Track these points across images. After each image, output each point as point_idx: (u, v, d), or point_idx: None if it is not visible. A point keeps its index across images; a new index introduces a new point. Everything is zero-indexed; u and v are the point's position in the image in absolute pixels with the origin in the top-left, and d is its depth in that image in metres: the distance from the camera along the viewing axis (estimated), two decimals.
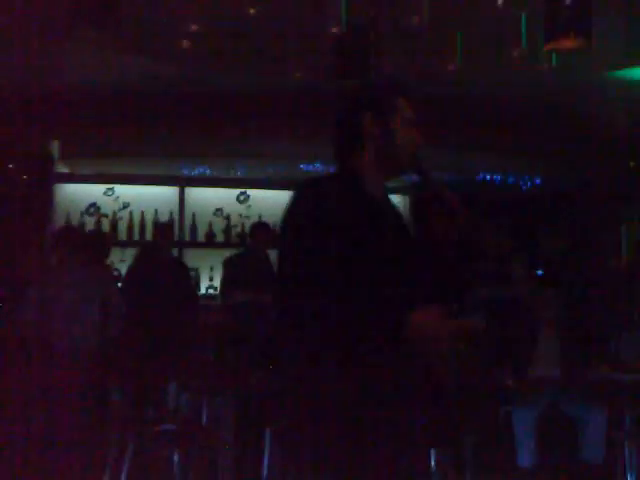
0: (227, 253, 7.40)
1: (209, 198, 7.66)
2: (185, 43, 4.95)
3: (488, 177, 8.12)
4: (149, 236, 6.94)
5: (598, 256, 7.47)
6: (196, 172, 7.61)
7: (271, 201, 7.78)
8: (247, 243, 6.52)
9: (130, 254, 6.95)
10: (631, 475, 4.00)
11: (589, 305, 5.01)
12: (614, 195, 8.39)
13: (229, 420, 3.83)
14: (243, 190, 7.78)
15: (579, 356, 4.30)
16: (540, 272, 5.22)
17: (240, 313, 5.49)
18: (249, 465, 3.93)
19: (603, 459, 4.01)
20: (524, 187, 8.44)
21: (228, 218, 7.64)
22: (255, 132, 6.90)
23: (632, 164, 8.11)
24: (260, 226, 6.24)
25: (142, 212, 7.34)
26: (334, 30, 5.02)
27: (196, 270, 7.28)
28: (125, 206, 7.43)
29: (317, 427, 1.76)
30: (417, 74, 5.34)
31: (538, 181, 8.48)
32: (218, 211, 7.66)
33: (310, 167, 7.78)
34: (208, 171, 7.69)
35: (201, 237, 7.52)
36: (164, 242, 5.79)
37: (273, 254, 6.23)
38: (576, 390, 4.20)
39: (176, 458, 3.55)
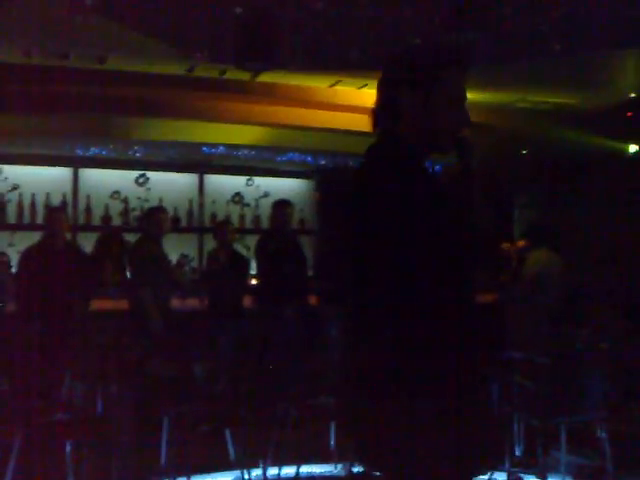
0: (125, 238, 7.18)
1: (105, 180, 7.39)
2: (78, 19, 4.72)
3: None
4: (40, 220, 6.62)
5: None
6: (91, 152, 7.29)
7: (172, 184, 7.60)
8: (145, 228, 6.32)
9: (19, 238, 6.62)
10: (519, 447, 4.23)
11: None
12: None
13: (125, 409, 3.72)
14: (142, 172, 7.55)
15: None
16: None
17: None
18: (147, 454, 3.83)
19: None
20: None
21: (126, 201, 7.40)
22: (154, 112, 6.69)
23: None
24: (158, 210, 6.06)
25: (32, 194, 7.00)
26: (237, 11, 4.92)
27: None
28: (14, 188, 7.07)
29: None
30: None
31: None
32: (115, 194, 7.40)
33: (213, 150, 7.62)
34: (104, 152, 7.38)
35: (97, 221, 7.25)
36: (57, 227, 5.51)
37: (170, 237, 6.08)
38: None
39: (68, 448, 3.41)
